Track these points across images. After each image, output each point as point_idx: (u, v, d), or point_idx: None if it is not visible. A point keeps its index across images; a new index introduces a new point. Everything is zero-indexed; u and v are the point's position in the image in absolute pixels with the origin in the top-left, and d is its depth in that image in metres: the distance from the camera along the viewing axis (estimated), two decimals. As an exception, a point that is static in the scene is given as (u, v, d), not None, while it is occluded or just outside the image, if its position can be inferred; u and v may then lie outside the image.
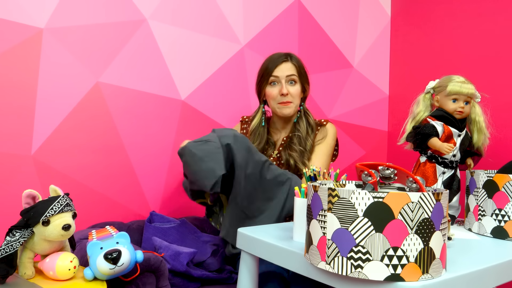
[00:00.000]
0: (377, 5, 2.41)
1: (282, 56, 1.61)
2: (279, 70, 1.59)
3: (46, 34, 1.56)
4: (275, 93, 1.60)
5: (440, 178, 1.43)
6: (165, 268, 1.23)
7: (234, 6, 1.96)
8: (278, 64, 1.59)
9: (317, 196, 0.87)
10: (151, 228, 1.55)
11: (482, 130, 1.45)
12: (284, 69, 1.59)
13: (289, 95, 1.59)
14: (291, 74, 1.58)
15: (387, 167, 1.00)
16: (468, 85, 1.40)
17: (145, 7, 1.75)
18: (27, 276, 1.04)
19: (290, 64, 1.60)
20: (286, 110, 1.61)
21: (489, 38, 1.95)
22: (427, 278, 0.80)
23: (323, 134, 1.64)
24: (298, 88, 1.61)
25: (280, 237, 1.16)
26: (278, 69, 1.59)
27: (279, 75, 1.59)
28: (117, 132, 1.71)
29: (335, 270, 0.82)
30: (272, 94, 1.61)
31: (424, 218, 0.79)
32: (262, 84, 1.63)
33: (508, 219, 1.22)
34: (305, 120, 1.64)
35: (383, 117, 2.47)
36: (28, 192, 1.04)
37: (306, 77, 1.65)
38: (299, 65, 1.62)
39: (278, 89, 1.59)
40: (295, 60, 1.63)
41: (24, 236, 1.02)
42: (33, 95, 1.54)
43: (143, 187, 1.77)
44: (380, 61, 2.44)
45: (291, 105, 1.60)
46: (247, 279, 1.21)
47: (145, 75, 1.76)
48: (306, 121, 1.64)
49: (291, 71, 1.59)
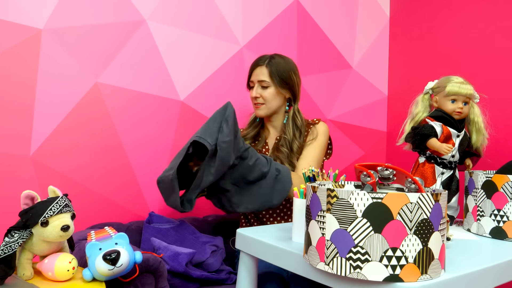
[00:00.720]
0: (376, 6, 2.42)
1: (260, 60, 1.66)
2: (253, 74, 1.67)
3: (45, 35, 1.56)
4: (251, 96, 1.68)
5: (439, 178, 1.43)
6: (164, 268, 1.23)
7: (233, 7, 1.96)
8: (253, 69, 1.67)
9: (316, 197, 0.87)
10: (150, 228, 1.55)
11: (481, 130, 1.45)
12: (258, 73, 1.64)
13: (260, 98, 1.64)
14: (262, 79, 1.63)
15: (386, 168, 1.00)
16: (466, 86, 1.40)
17: (144, 8, 1.75)
18: (26, 277, 1.04)
19: (264, 68, 1.63)
20: (258, 111, 1.67)
21: (488, 39, 1.95)
22: (426, 279, 0.80)
23: (314, 134, 1.65)
24: (271, 92, 1.64)
25: (279, 237, 1.16)
26: (253, 74, 1.67)
27: (253, 79, 1.67)
28: (116, 132, 1.71)
29: (334, 270, 0.82)
30: (250, 96, 1.69)
31: (423, 219, 0.79)
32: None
33: (507, 219, 1.22)
34: (291, 123, 1.66)
35: (382, 117, 2.47)
36: (27, 193, 1.04)
37: (284, 80, 1.63)
38: (275, 69, 1.62)
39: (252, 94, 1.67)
40: (273, 64, 1.63)
41: (22, 237, 1.02)
42: (32, 95, 1.54)
43: (142, 188, 1.77)
44: (379, 62, 2.44)
45: (263, 107, 1.65)
46: (246, 280, 1.21)
47: (144, 75, 1.76)
48: (293, 124, 1.66)
49: (263, 77, 1.63)
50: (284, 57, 1.68)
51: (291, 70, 1.65)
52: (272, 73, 1.62)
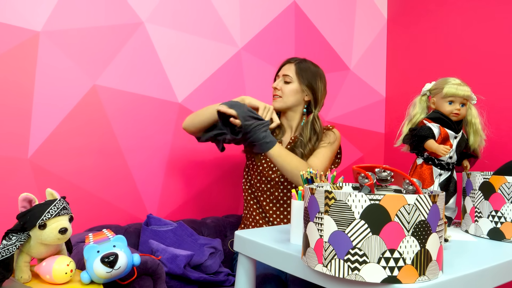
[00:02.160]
0: (374, 7, 2.42)
1: (292, 59, 1.69)
2: (282, 69, 1.69)
3: (42, 37, 1.56)
4: (272, 87, 1.69)
5: (436, 180, 1.43)
6: (162, 271, 1.23)
7: (231, 9, 1.97)
8: (283, 65, 1.70)
9: (313, 199, 0.87)
10: (148, 231, 1.55)
11: (478, 132, 1.45)
12: (285, 68, 1.67)
13: (279, 90, 1.65)
14: (287, 74, 1.65)
15: (384, 169, 1.01)
16: (464, 87, 1.41)
17: (142, 10, 1.75)
18: (24, 280, 1.04)
19: (292, 65, 1.66)
20: (274, 103, 1.66)
21: (485, 40, 1.96)
22: (423, 280, 0.80)
23: (331, 138, 1.64)
24: (291, 88, 1.64)
25: (277, 239, 1.16)
26: (281, 69, 1.69)
27: (279, 73, 1.69)
28: (114, 135, 1.71)
29: (332, 272, 0.82)
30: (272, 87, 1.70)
31: (421, 220, 0.79)
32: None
33: (504, 220, 1.22)
34: (310, 127, 1.64)
35: (380, 119, 2.47)
36: (25, 196, 1.03)
37: (308, 82, 1.64)
38: (303, 69, 1.65)
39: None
40: (302, 65, 1.66)
41: (20, 240, 1.01)
42: (29, 98, 1.54)
43: (140, 190, 1.77)
44: (376, 63, 2.45)
45: (279, 100, 1.65)
46: (244, 282, 1.21)
47: (142, 78, 1.76)
48: (311, 127, 1.64)
49: (288, 72, 1.65)
50: (316, 65, 1.70)
51: (318, 76, 1.66)
52: (299, 71, 1.65)
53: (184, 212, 1.87)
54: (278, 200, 1.61)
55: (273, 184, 1.62)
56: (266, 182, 1.63)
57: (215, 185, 1.95)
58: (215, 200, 1.96)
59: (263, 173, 1.63)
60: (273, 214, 1.63)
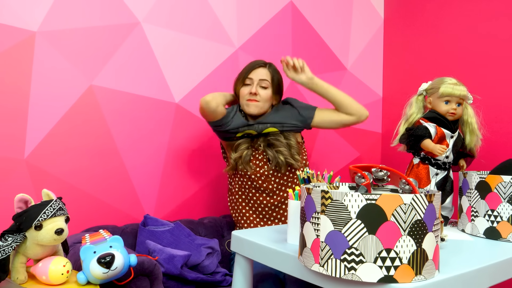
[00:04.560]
0: (370, 7, 2.43)
1: (261, 62, 1.69)
2: (254, 73, 1.66)
3: (39, 37, 1.55)
4: (245, 92, 1.66)
5: (433, 179, 1.43)
6: (159, 271, 1.23)
7: (227, 9, 1.97)
8: (254, 68, 1.67)
9: (310, 199, 0.87)
10: (145, 231, 1.54)
11: (475, 131, 1.46)
12: (260, 73, 1.66)
13: (258, 95, 1.64)
14: (264, 79, 1.65)
15: (380, 169, 1.01)
16: (460, 87, 1.41)
17: (138, 10, 1.75)
18: (20, 281, 1.03)
19: (267, 70, 1.67)
20: (252, 107, 1.65)
21: (481, 40, 1.96)
22: (420, 280, 0.80)
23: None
24: (268, 93, 1.66)
25: (274, 239, 1.16)
26: (253, 73, 1.66)
27: (253, 77, 1.66)
28: (110, 135, 1.70)
29: (329, 272, 0.82)
30: (243, 93, 1.67)
31: (417, 220, 0.80)
32: (237, 85, 1.70)
33: (500, 219, 1.22)
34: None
35: (377, 119, 2.48)
36: (21, 197, 1.03)
37: (279, 88, 1.70)
38: (275, 74, 1.68)
39: (249, 89, 1.66)
40: (273, 69, 1.69)
41: (16, 241, 1.01)
42: (26, 98, 1.53)
43: (137, 190, 1.77)
44: (373, 63, 2.45)
45: (258, 104, 1.65)
46: (242, 282, 1.21)
47: (138, 78, 1.76)
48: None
49: (265, 77, 1.66)
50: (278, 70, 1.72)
51: (282, 81, 1.71)
52: (273, 77, 1.67)
53: (181, 213, 1.87)
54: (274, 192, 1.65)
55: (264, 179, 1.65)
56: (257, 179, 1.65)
57: (212, 185, 1.95)
58: (212, 201, 1.96)
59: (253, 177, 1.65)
60: (278, 213, 1.65)
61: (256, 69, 1.67)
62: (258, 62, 1.70)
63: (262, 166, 1.64)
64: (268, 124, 1.66)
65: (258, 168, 1.64)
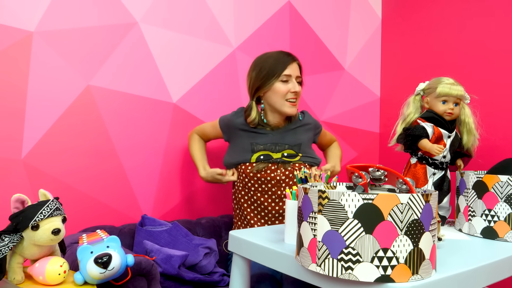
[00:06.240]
0: (368, 7, 2.43)
1: (291, 56, 1.61)
2: (291, 68, 1.58)
3: (36, 37, 1.55)
4: (285, 89, 1.57)
5: (430, 179, 1.44)
6: (156, 271, 1.22)
7: (225, 9, 1.97)
8: (290, 63, 1.59)
9: (307, 198, 0.87)
10: (142, 231, 1.54)
11: (472, 131, 1.46)
12: (295, 68, 1.60)
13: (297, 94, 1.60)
14: (299, 75, 1.61)
15: (378, 169, 1.01)
16: (457, 87, 1.41)
17: (136, 10, 1.75)
18: (17, 281, 1.03)
19: (298, 65, 1.62)
20: (293, 109, 1.60)
21: (479, 40, 1.97)
22: (417, 279, 0.80)
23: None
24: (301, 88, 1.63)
25: (271, 239, 1.16)
26: (290, 67, 1.58)
27: (291, 73, 1.58)
28: (108, 135, 1.70)
29: (326, 272, 0.82)
30: (282, 90, 1.57)
31: (414, 219, 0.80)
32: (269, 80, 1.58)
33: (497, 219, 1.23)
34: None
35: (375, 118, 2.48)
36: (17, 197, 1.03)
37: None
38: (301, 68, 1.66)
39: (289, 87, 1.57)
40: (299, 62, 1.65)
41: (13, 241, 1.01)
42: (23, 98, 1.53)
43: (135, 190, 1.76)
44: (371, 63, 2.45)
45: (296, 103, 1.61)
46: (239, 282, 1.21)
47: (136, 78, 1.76)
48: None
49: (299, 72, 1.62)
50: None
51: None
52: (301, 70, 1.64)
53: (179, 213, 1.87)
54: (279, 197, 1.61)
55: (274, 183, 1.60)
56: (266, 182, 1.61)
57: (210, 185, 1.95)
58: (210, 201, 1.96)
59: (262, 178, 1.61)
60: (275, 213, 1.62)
61: (291, 63, 1.59)
62: (290, 56, 1.61)
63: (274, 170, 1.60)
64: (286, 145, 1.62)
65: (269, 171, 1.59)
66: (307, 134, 1.69)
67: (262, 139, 1.62)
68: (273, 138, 1.63)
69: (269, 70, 1.58)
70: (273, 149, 1.61)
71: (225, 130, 1.70)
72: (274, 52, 1.64)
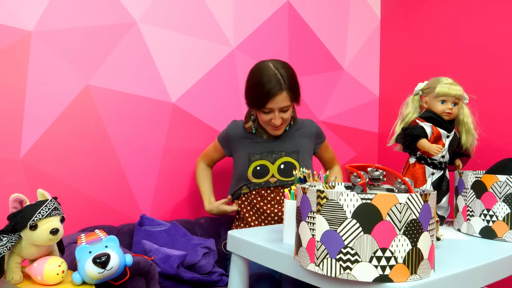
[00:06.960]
0: (367, 7, 2.43)
1: (276, 87, 1.47)
2: (273, 102, 1.49)
3: (34, 37, 1.54)
4: (267, 119, 1.54)
5: (429, 179, 1.44)
6: (155, 271, 1.22)
7: (224, 9, 1.96)
8: (273, 97, 1.48)
9: (306, 198, 0.87)
10: (141, 231, 1.54)
11: (471, 131, 1.46)
12: (279, 100, 1.49)
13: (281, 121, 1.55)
14: (284, 106, 1.51)
15: (376, 169, 1.01)
16: (456, 87, 1.41)
17: (135, 10, 1.75)
18: (15, 281, 1.03)
19: (285, 94, 1.49)
20: (277, 132, 1.61)
21: (477, 40, 1.97)
22: (415, 279, 0.80)
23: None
24: (290, 111, 1.56)
25: (270, 239, 1.16)
26: (272, 101, 1.49)
27: (272, 107, 1.50)
28: (107, 135, 1.70)
29: (324, 271, 0.82)
30: (264, 119, 1.55)
31: (412, 219, 0.80)
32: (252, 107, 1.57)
33: (496, 219, 1.23)
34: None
35: (374, 118, 2.48)
36: (15, 196, 1.03)
37: (297, 94, 1.55)
38: (293, 87, 1.51)
39: (271, 117, 1.54)
40: (290, 83, 1.50)
41: (11, 241, 1.01)
42: (21, 98, 1.53)
43: (134, 190, 1.76)
44: (370, 63, 2.45)
45: (282, 127, 1.60)
46: (238, 282, 1.21)
47: (135, 78, 1.76)
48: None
49: (285, 103, 1.50)
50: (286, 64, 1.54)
51: (296, 78, 1.55)
52: (292, 95, 1.51)
53: (178, 212, 1.87)
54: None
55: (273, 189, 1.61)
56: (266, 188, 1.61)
57: (209, 185, 1.94)
58: (209, 200, 1.96)
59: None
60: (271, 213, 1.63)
61: (274, 97, 1.47)
62: (273, 87, 1.46)
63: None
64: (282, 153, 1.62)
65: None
66: (306, 140, 1.68)
67: (258, 148, 1.64)
68: (270, 146, 1.64)
69: (252, 99, 1.54)
70: (270, 157, 1.62)
71: (225, 144, 1.73)
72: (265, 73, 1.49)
